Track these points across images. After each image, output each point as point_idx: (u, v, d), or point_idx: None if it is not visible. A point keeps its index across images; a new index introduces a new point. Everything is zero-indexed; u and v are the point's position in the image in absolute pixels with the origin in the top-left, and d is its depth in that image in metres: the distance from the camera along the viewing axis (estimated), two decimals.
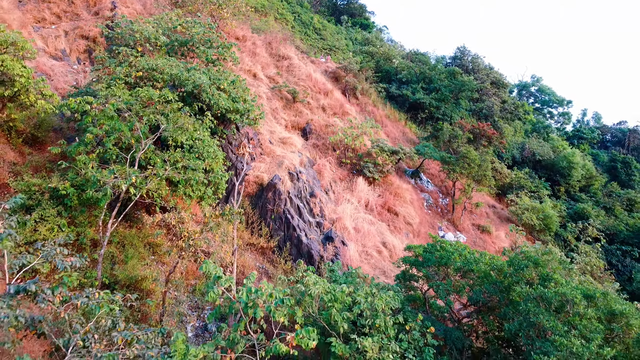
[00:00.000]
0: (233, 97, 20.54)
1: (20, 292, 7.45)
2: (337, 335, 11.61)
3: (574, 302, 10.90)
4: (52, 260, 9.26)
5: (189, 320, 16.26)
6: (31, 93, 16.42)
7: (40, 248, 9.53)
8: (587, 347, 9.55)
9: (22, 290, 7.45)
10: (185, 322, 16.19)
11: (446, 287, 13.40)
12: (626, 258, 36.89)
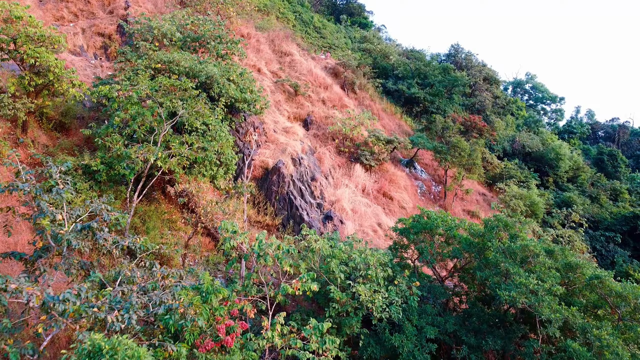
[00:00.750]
0: (241, 88, 22.46)
1: (85, 229, 9.38)
2: (335, 285, 13.56)
3: (536, 254, 12.84)
4: (99, 213, 11.18)
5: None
6: (63, 82, 18.32)
7: (88, 204, 11.47)
8: (542, 286, 11.50)
9: (87, 227, 9.38)
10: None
11: (430, 249, 15.33)
12: (609, 244, 38.84)
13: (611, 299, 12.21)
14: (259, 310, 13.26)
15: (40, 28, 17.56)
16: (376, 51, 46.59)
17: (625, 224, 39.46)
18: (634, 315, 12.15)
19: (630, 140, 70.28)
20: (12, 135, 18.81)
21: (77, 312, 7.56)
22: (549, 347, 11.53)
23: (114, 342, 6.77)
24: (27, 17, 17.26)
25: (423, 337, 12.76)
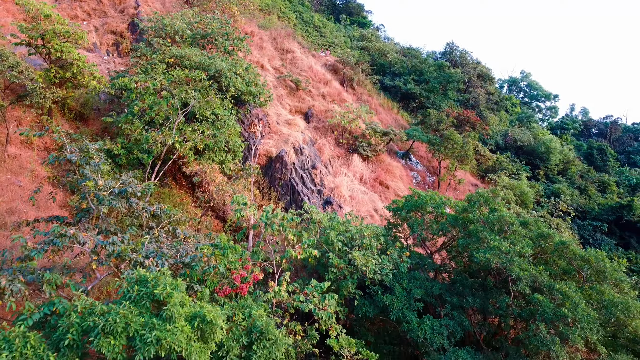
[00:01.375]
0: (247, 82, 24.07)
1: (122, 193, 11.00)
2: (333, 253, 15.19)
3: (511, 223, 14.47)
4: (128, 184, 12.80)
5: None
6: (85, 75, 19.94)
7: (118, 178, 13.09)
8: (513, 249, 13.14)
9: (123, 192, 11.00)
10: None
11: (420, 223, 16.95)
12: (596, 232, 40.46)
13: (576, 262, 13.84)
14: (266, 275, 14.88)
15: (66, 25, 19.18)
16: (374, 49, 48.19)
17: (612, 214, 41.08)
18: (596, 278, 13.78)
19: (622, 136, 71.87)
20: (38, 122, 20.43)
21: (121, 255, 9.19)
22: (519, 302, 13.16)
23: (156, 274, 8.40)
24: (55, 15, 18.85)
25: (411, 298, 14.39)
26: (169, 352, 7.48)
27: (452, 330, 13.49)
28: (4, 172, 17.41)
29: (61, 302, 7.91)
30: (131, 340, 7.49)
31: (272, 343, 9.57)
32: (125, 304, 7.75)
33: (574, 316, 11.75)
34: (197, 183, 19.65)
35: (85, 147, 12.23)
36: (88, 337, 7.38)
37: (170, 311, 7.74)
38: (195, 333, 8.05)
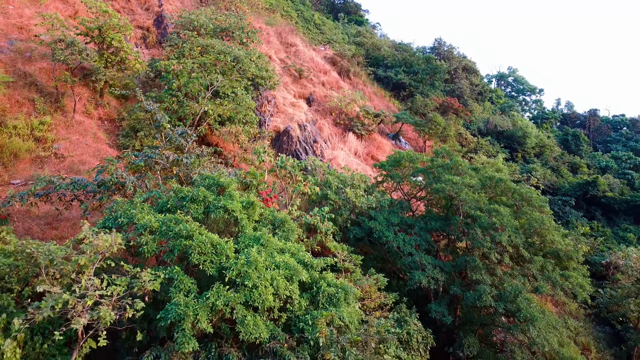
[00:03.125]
0: (259, 68, 28.68)
1: (183, 134, 15.64)
2: (331, 191, 19.86)
3: (465, 167, 19.15)
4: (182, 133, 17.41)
5: None
6: (131, 60, 24.52)
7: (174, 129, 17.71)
8: (462, 180, 17.82)
9: (184, 133, 15.63)
10: None
11: (398, 174, 21.60)
12: (566, 207, 45.19)
13: (510, 193, 18.53)
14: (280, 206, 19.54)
15: (118, 19, 23.78)
16: (369, 44, 52.81)
17: (579, 190, 45.82)
18: (526, 204, 18.46)
19: (601, 126, 76.57)
20: (93, 98, 25.06)
21: (192, 165, 13.83)
22: (466, 220, 17.80)
23: (217, 174, 13.07)
24: (111, 11, 23.44)
25: (390, 223, 19.05)
26: (230, 214, 12.16)
27: (418, 243, 18.17)
28: (73, 134, 22.09)
29: (159, 188, 12.58)
30: (207, 208, 12.17)
31: (289, 229, 14.23)
32: (202, 188, 12.43)
33: (501, 224, 16.44)
34: (219, 151, 24.15)
35: (152, 107, 16.85)
36: (181, 202, 12.06)
37: (231, 192, 12.43)
38: (244, 210, 12.73)
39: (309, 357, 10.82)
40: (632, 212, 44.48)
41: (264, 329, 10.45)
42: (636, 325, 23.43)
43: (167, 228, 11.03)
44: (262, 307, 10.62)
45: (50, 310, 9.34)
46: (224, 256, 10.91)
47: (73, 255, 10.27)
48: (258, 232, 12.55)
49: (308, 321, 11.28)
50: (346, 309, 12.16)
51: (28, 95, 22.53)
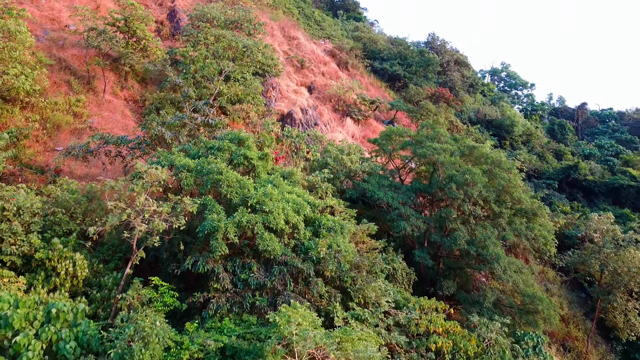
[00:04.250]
0: (265, 56, 31.56)
1: (206, 104, 18.53)
2: (330, 158, 22.76)
3: (447, 137, 22.05)
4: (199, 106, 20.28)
5: None
6: (153, 48, 27.41)
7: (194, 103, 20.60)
8: (441, 146, 20.71)
9: (207, 103, 18.52)
10: None
11: (390, 143, 24.48)
12: (549, 189, 48.10)
13: (483, 159, 21.44)
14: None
15: (142, 10, 26.67)
16: (366, 38, 55.69)
17: (562, 173, 48.73)
18: (497, 167, 21.36)
19: (588, 119, 79.44)
20: (118, 82, 27.96)
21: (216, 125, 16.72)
22: (445, 180, 20.69)
23: (238, 131, 15.98)
24: (136, 4, 26.32)
25: (381, 185, 21.95)
26: (249, 161, 15.08)
27: (405, 200, 21.07)
28: (104, 111, 25.01)
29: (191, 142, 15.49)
30: (230, 155, 15.08)
31: (295, 180, 17.14)
32: (226, 140, 15.35)
33: (473, 181, 19.34)
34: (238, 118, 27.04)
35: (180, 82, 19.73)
36: (209, 152, 14.97)
37: (249, 144, 15.35)
38: (259, 160, 15.65)
39: (312, 267, 13.74)
40: (611, 194, 47.35)
41: (277, 245, 13.37)
42: (599, 280, 26.32)
43: (201, 167, 13.97)
44: (276, 229, 13.54)
45: (116, 220, 12.26)
46: (246, 189, 13.85)
47: (130, 185, 13.19)
48: (271, 176, 15.49)
49: (311, 245, 14.20)
50: (342, 239, 15.08)
51: (64, 77, 25.45)
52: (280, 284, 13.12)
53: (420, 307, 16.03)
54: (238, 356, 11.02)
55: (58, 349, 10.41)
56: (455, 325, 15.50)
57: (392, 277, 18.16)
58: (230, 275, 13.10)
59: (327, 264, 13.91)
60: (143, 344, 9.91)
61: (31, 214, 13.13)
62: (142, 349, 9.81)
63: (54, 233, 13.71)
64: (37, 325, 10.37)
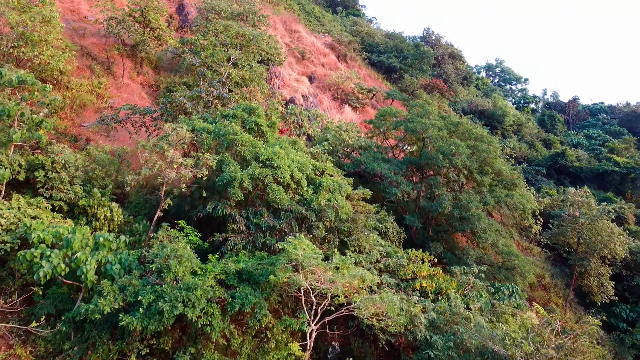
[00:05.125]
0: (269, 46, 33.69)
1: (220, 80, 20.69)
2: (330, 134, 24.95)
3: (434, 114, 24.24)
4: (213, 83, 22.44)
5: None
6: (166, 36, 29.55)
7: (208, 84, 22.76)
8: (430, 122, 22.93)
9: (220, 81, 20.69)
10: None
11: (384, 124, 26.68)
12: (538, 175, 50.32)
13: (467, 133, 23.64)
14: None
15: (157, 2, 28.82)
16: (364, 32, 57.83)
17: (550, 160, 50.93)
18: (479, 140, 23.56)
19: (579, 112, 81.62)
20: (134, 68, 30.11)
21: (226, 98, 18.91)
22: (432, 152, 22.87)
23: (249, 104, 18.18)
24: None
25: (375, 158, 24.14)
26: (258, 127, 17.28)
27: (397, 171, 23.28)
28: (123, 93, 27.17)
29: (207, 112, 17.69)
30: (243, 122, 17.28)
31: (299, 147, 19.32)
32: (238, 110, 17.55)
33: (457, 151, 21.55)
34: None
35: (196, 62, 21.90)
36: (225, 118, 17.17)
37: (259, 113, 17.55)
38: (268, 128, 17.84)
39: (314, 215, 15.94)
40: (596, 179, 49.55)
41: (284, 196, 15.56)
42: (576, 249, 28.52)
43: (218, 130, 16.17)
44: (283, 182, 15.74)
45: (149, 170, 14.46)
46: (258, 148, 16.07)
47: (159, 143, 15.37)
48: (278, 141, 17.69)
49: (313, 198, 16.40)
50: (340, 196, 17.29)
51: (86, 62, 27.61)
52: (287, 227, 15.33)
53: (408, 257, 18.23)
54: (253, 277, 13.24)
55: (106, 270, 12.66)
56: (439, 271, 17.71)
57: (384, 234, 20.34)
58: (245, 220, 15.31)
59: (327, 214, 16.10)
60: (177, 261, 12.12)
61: (75, 168, 15.32)
62: (177, 265, 12.03)
63: (92, 186, 15.91)
64: (89, 250, 12.60)
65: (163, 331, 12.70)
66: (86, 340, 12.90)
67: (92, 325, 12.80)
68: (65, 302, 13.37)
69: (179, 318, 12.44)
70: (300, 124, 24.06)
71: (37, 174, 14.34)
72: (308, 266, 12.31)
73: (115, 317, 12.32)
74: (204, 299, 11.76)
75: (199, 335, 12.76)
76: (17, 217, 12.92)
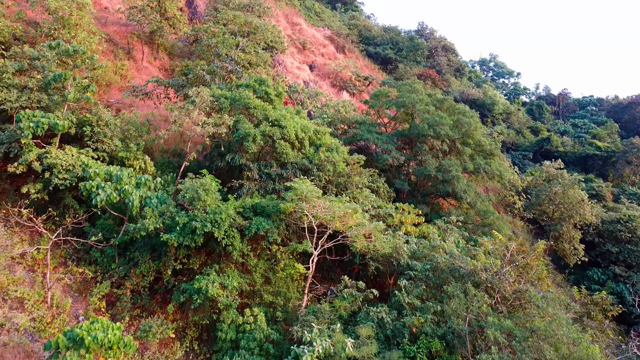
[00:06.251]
0: (273, 35, 36.43)
1: (233, 59, 23.43)
2: (328, 110, 27.73)
3: (425, 93, 27.00)
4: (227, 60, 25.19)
5: None
6: (180, 24, 32.29)
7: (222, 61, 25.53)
8: (418, 97, 25.68)
9: (234, 58, 23.43)
10: None
11: (378, 103, 29.43)
12: (525, 159, 53.12)
13: (451, 108, 26.40)
14: None
15: None
16: (361, 26, 60.55)
17: (537, 146, 53.73)
18: (462, 114, 26.31)
19: (569, 104, 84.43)
20: (151, 53, 32.86)
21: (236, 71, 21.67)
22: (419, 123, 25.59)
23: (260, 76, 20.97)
24: None
25: (369, 131, 26.89)
26: (267, 95, 20.05)
27: (388, 141, 26.03)
28: (143, 75, 29.92)
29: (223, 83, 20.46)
30: (254, 91, 20.04)
31: (302, 116, 22.08)
32: (251, 80, 20.31)
33: (441, 122, 24.32)
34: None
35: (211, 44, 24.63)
36: (239, 87, 19.93)
37: (268, 83, 20.32)
38: (276, 96, 20.62)
39: (315, 167, 18.72)
40: (579, 162, 52.34)
41: (290, 151, 18.36)
42: (551, 216, 31.32)
43: (234, 96, 18.95)
44: (289, 140, 18.52)
45: (178, 127, 17.25)
46: (267, 111, 18.85)
47: (186, 105, 18.13)
48: (285, 108, 20.47)
49: (314, 155, 19.19)
50: (337, 155, 20.07)
51: (109, 47, 30.33)
52: (293, 175, 18.12)
53: (396, 210, 21.01)
54: (265, 211, 16.04)
55: (146, 203, 15.45)
56: (422, 219, 20.51)
57: (375, 192, 23.12)
58: (257, 170, 18.10)
59: (326, 168, 18.89)
60: (205, 192, 14.92)
61: (114, 126, 18.09)
62: (205, 195, 14.83)
63: (128, 143, 18.68)
64: (133, 186, 15.39)
65: (192, 253, 15.52)
66: (129, 261, 15.72)
67: (134, 248, 15.62)
68: (111, 232, 16.17)
69: (205, 243, 15.25)
70: (302, 101, 26.81)
71: (85, 129, 17.11)
72: (310, 198, 15.11)
73: (154, 239, 15.16)
74: (227, 222, 14.56)
75: (222, 256, 15.56)
76: (72, 161, 15.70)
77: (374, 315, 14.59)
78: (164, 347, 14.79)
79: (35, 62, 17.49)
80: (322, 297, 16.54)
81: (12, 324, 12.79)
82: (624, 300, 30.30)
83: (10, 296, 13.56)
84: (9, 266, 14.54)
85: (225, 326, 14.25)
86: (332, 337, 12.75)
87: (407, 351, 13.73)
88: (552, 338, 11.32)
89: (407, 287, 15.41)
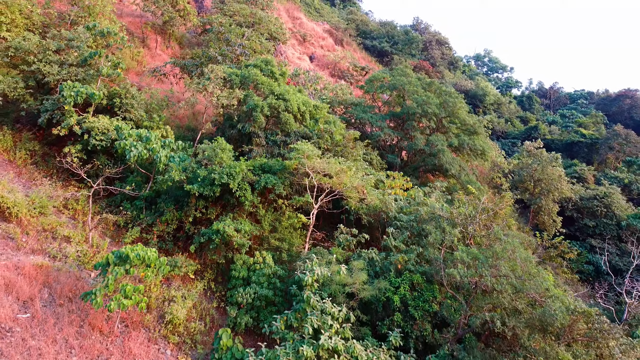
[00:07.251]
0: (275, 26, 38.84)
1: (241, 45, 25.85)
2: (327, 95, 30.18)
3: (411, 75, 29.45)
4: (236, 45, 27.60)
5: None
6: (190, 15, 34.69)
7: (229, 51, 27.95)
8: (409, 80, 28.14)
9: (242, 44, 25.85)
10: None
11: (372, 87, 31.85)
12: (513, 147, 55.56)
13: (438, 90, 28.84)
14: None
15: None
16: (359, 20, 62.95)
17: (525, 134, 56.18)
18: (448, 98, 28.75)
19: (559, 97, 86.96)
20: (163, 43, 35.26)
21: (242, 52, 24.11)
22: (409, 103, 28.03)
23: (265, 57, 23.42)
24: None
25: (364, 111, 29.31)
26: (273, 74, 22.50)
27: (381, 119, 28.45)
28: (157, 61, 32.33)
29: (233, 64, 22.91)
30: (261, 70, 22.48)
31: (304, 94, 24.52)
32: (258, 61, 22.74)
33: (428, 101, 26.76)
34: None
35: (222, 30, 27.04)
36: (248, 67, 22.38)
37: (273, 64, 22.77)
38: (280, 75, 23.06)
39: (315, 136, 21.17)
40: (566, 149, 54.71)
41: (293, 122, 20.79)
42: (532, 192, 33.79)
43: (243, 73, 21.38)
44: (292, 112, 20.95)
45: (195, 100, 19.68)
46: (273, 87, 21.29)
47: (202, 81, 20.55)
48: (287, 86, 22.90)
49: (314, 127, 21.63)
50: (334, 127, 22.51)
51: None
52: (295, 142, 20.55)
53: (387, 176, 23.47)
54: (272, 169, 18.50)
55: (171, 160, 17.90)
56: (410, 183, 22.97)
57: (369, 163, 25.59)
58: (264, 138, 20.55)
59: (324, 137, 21.33)
60: (221, 151, 17.38)
61: (139, 99, 20.52)
62: (222, 152, 17.29)
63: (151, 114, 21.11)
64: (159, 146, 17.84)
65: (210, 205, 17.97)
66: (155, 212, 18.17)
67: (160, 200, 18.08)
68: (139, 188, 18.61)
69: (221, 195, 17.69)
70: (303, 84, 29.22)
71: (115, 100, 19.57)
72: (311, 157, 17.57)
73: (177, 192, 17.61)
74: (240, 176, 17.01)
75: (235, 207, 18.03)
76: (107, 125, 18.15)
77: (365, 255, 17.04)
78: (185, 284, 17.27)
79: (72, 43, 19.91)
80: (320, 242, 19.02)
81: (62, 254, 15.25)
82: (599, 269, 32.81)
83: (59, 235, 16.02)
84: (55, 212, 17.01)
85: (238, 266, 16.70)
86: (329, 268, 15.20)
87: (393, 282, 16.18)
88: (509, 259, 13.72)
89: (394, 234, 17.88)
